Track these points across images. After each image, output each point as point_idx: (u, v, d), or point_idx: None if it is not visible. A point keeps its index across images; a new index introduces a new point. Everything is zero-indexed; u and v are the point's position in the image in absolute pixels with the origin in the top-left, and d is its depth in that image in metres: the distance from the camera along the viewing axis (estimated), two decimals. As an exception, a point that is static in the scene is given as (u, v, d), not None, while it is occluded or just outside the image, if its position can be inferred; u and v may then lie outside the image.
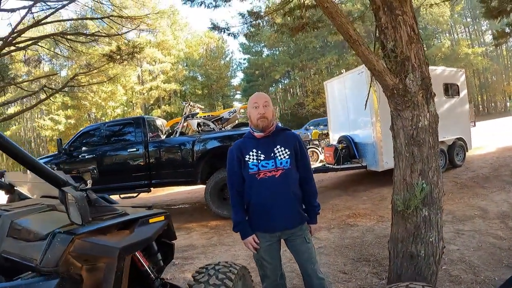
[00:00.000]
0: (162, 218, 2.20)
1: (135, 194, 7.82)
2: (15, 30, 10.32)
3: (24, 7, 10.57)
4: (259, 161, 2.37)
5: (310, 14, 6.07)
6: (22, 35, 10.90)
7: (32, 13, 10.68)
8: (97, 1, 12.52)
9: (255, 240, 2.42)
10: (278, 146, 2.40)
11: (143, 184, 7.47)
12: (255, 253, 2.48)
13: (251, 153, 2.40)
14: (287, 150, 2.40)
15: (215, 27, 6.62)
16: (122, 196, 7.90)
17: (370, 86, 3.32)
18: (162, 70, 36.39)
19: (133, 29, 13.16)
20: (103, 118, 32.74)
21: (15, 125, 40.21)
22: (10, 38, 10.11)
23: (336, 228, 5.38)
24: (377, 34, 2.92)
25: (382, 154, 7.65)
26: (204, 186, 7.06)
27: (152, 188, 7.61)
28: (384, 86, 2.83)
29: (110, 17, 11.94)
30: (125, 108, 35.48)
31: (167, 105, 37.27)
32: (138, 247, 2.00)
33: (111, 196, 8.16)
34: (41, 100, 14.19)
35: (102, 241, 1.76)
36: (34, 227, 1.96)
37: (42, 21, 11.05)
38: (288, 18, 5.98)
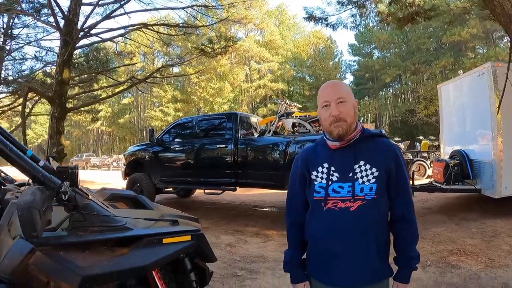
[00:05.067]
0: (187, 238, 1.76)
1: (219, 191, 7.70)
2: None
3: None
4: (330, 183, 1.58)
5: (421, 2, 5.11)
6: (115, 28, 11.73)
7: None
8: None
9: None
10: (361, 163, 1.57)
11: (229, 182, 7.25)
12: None
13: (320, 168, 1.61)
14: (374, 170, 1.55)
15: (310, 17, 6.01)
16: (206, 191, 7.86)
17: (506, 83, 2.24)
18: (270, 69, 36.86)
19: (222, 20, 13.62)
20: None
21: (129, 114, 44.54)
22: (86, 29, 10.80)
23: (433, 267, 4.35)
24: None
25: (501, 177, 6.22)
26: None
27: (238, 187, 7.33)
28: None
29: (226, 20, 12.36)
30: (232, 105, 36.72)
31: (273, 104, 37.60)
32: (123, 277, 1.55)
33: (196, 191, 8.14)
34: (123, 89, 15.28)
35: (66, 261, 1.37)
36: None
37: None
38: (395, 6, 5.09)
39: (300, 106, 9.37)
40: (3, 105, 17.33)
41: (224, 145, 7.32)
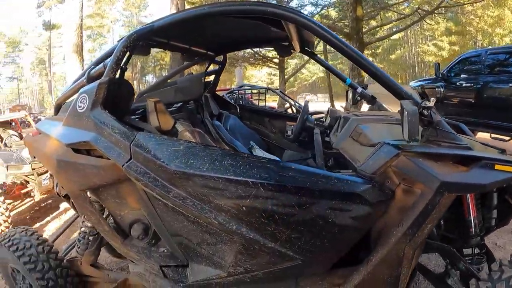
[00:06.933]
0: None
1: (507, 138, 6.69)
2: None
3: None
4: None
5: None
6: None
7: None
8: None
9: None
10: None
11: None
12: None
13: None
14: None
15: None
16: (493, 136, 7.02)
17: None
18: None
19: None
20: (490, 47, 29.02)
21: (400, 49, 42.61)
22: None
23: None
24: None
25: None
26: None
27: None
28: None
29: None
30: (516, 37, 30.12)
31: None
32: (466, 190, 1.67)
33: (480, 133, 7.35)
34: (415, 21, 14.48)
35: (427, 166, 1.56)
36: (371, 134, 2.03)
37: None
38: None
39: None
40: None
41: None
